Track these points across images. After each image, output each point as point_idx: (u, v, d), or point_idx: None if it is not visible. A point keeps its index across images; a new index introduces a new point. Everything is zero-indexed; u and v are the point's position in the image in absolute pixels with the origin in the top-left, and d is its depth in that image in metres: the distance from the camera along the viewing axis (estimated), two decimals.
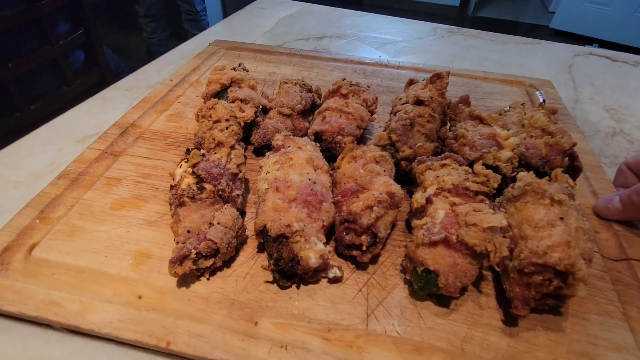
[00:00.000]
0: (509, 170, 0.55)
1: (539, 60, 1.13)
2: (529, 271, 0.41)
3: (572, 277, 0.39)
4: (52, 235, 0.51)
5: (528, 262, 0.40)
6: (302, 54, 1.01)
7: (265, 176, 0.51)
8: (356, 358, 0.40)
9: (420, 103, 0.61)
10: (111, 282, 0.46)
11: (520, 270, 0.41)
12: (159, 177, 0.61)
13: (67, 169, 0.60)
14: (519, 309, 0.41)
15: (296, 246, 0.44)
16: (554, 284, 0.40)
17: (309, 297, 0.46)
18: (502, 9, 4.62)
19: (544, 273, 0.40)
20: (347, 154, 0.56)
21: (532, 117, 0.59)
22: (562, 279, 0.40)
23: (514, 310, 0.41)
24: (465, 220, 0.44)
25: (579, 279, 0.39)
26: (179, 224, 0.47)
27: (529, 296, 0.41)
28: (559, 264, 0.39)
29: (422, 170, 0.54)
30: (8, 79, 1.55)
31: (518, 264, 0.41)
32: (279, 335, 0.42)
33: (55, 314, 0.42)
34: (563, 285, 0.40)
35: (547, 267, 0.40)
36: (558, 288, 0.40)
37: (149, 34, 3.06)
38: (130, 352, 0.41)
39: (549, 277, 0.40)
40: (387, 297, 0.46)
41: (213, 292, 0.45)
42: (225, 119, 0.59)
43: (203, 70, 0.91)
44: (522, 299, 0.41)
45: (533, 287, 0.41)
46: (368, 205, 0.47)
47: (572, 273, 0.39)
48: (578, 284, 0.39)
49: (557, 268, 0.39)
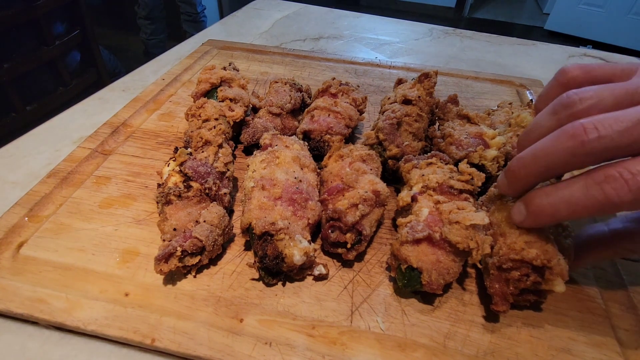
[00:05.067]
0: (495, 169, 0.55)
1: (534, 61, 1.14)
2: (507, 267, 0.41)
3: (549, 272, 0.40)
4: (40, 233, 0.51)
5: (506, 258, 0.41)
6: (295, 54, 1.02)
7: (252, 174, 0.51)
8: (340, 354, 0.40)
9: (408, 102, 0.62)
10: (98, 279, 0.46)
11: (499, 266, 0.42)
12: (149, 176, 0.61)
13: (57, 168, 0.61)
14: (499, 305, 0.41)
15: (280, 244, 0.44)
16: (531, 279, 0.40)
17: (294, 294, 0.46)
18: (498, 11, 4.64)
19: (521, 268, 0.41)
20: (334, 152, 0.56)
21: (519, 117, 0.60)
22: (540, 274, 0.40)
23: (494, 307, 0.42)
24: (448, 218, 0.44)
25: (556, 274, 0.39)
26: (166, 222, 0.48)
27: (507, 292, 0.41)
28: (536, 259, 0.39)
29: (409, 169, 0.54)
30: (4, 80, 1.55)
31: (497, 261, 0.42)
32: (264, 332, 0.42)
33: (41, 311, 0.42)
34: (541, 280, 0.40)
35: (525, 263, 0.40)
36: (536, 283, 0.40)
37: (148, 35, 3.07)
38: (131, 352, 0.42)
39: (526, 272, 0.40)
40: (371, 294, 0.47)
41: (199, 290, 0.46)
42: (215, 118, 0.60)
43: (195, 70, 0.91)
44: (501, 294, 0.41)
45: (511, 283, 0.41)
46: (353, 203, 0.48)
47: (549, 268, 0.39)
48: (555, 279, 0.40)
49: (534, 263, 0.40)
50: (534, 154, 0.36)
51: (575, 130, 0.33)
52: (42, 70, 1.75)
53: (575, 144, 0.32)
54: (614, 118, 0.32)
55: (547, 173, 0.36)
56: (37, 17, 1.60)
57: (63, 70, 1.81)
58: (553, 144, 0.34)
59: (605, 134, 0.31)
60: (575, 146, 0.33)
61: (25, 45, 1.64)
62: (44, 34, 1.66)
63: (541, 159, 0.35)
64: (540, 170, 0.36)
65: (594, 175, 0.33)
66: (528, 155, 0.37)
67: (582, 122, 0.33)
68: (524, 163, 0.37)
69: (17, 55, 1.60)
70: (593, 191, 0.32)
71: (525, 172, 0.38)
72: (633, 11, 3.51)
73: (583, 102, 0.34)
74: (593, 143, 0.32)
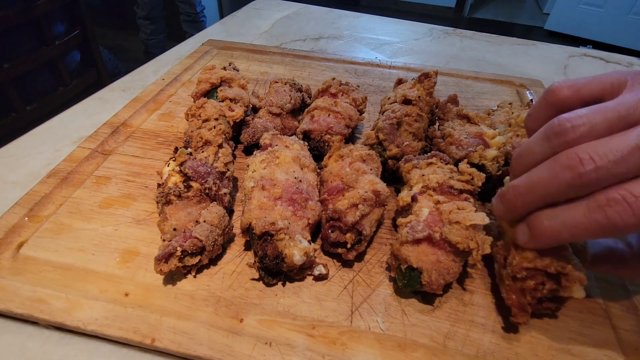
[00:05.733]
0: (495, 168, 0.55)
1: (534, 61, 1.14)
2: (522, 277, 0.40)
3: (565, 278, 0.38)
4: (40, 233, 0.51)
5: (519, 267, 0.40)
6: (295, 54, 1.02)
7: (252, 174, 0.51)
8: (339, 354, 0.40)
9: (408, 102, 0.62)
10: (98, 279, 0.46)
11: (513, 276, 0.40)
12: (149, 176, 0.61)
13: (57, 168, 0.61)
14: (518, 317, 0.40)
15: (280, 244, 0.44)
16: (547, 287, 0.39)
17: (294, 294, 0.46)
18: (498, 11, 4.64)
19: (536, 277, 0.39)
20: (334, 152, 0.56)
21: (519, 117, 0.60)
22: (556, 281, 0.39)
23: (513, 319, 0.41)
24: (448, 218, 0.44)
25: (573, 280, 0.38)
26: (166, 222, 0.48)
27: (525, 302, 0.40)
28: (549, 267, 0.38)
29: (409, 169, 0.54)
30: (4, 80, 1.55)
31: (511, 271, 0.41)
32: (264, 332, 0.42)
33: (41, 311, 0.42)
34: (558, 287, 0.39)
35: (538, 271, 0.39)
36: (553, 291, 0.39)
37: (148, 35, 3.07)
38: (131, 352, 0.42)
39: (541, 280, 0.39)
40: (371, 294, 0.47)
41: (199, 290, 0.46)
42: (215, 118, 0.60)
43: (195, 70, 0.91)
44: (519, 305, 0.40)
45: (528, 293, 0.40)
46: (353, 203, 0.48)
47: (564, 275, 0.38)
48: (573, 285, 0.38)
49: (549, 271, 0.39)
50: (530, 184, 0.36)
51: (571, 161, 0.32)
52: (42, 70, 1.75)
53: (573, 175, 0.32)
54: (609, 147, 0.31)
55: (544, 202, 0.36)
56: (37, 17, 1.59)
57: (63, 70, 1.81)
58: (549, 174, 0.34)
59: (601, 165, 0.31)
60: (572, 178, 0.32)
61: (25, 45, 1.64)
62: (44, 34, 1.66)
63: (537, 189, 0.35)
64: (537, 200, 0.36)
65: (597, 199, 0.32)
66: (524, 185, 0.37)
67: (577, 153, 0.32)
68: (520, 192, 0.37)
69: (17, 55, 1.59)
70: (596, 215, 0.32)
71: (521, 202, 0.38)
72: (633, 11, 3.51)
73: (576, 130, 0.33)
74: (590, 174, 0.32)
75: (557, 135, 0.34)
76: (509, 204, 0.39)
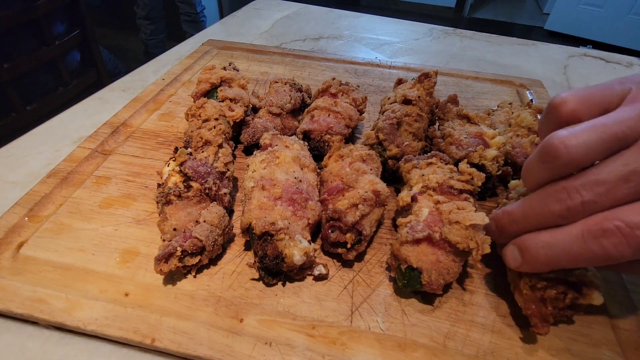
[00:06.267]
0: (495, 168, 0.55)
1: (534, 61, 1.14)
2: (542, 286, 0.39)
3: (585, 287, 0.38)
4: (40, 233, 0.51)
5: (539, 277, 0.39)
6: (295, 54, 1.02)
7: (252, 174, 0.51)
8: (339, 354, 0.40)
9: (408, 102, 0.62)
10: (98, 279, 0.46)
11: (532, 286, 0.40)
12: (149, 176, 0.61)
13: (57, 168, 0.61)
14: (539, 327, 0.39)
15: (280, 244, 0.44)
16: (570, 297, 0.38)
17: (294, 294, 0.46)
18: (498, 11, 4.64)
19: (557, 287, 0.39)
20: (334, 152, 0.56)
21: (519, 117, 0.60)
22: (576, 289, 0.39)
23: (535, 330, 0.40)
24: (448, 218, 0.44)
25: (594, 287, 0.38)
26: (166, 222, 0.48)
27: (546, 312, 0.39)
28: (571, 276, 0.38)
29: (409, 169, 0.54)
30: (4, 80, 1.55)
31: (529, 280, 0.40)
32: (264, 332, 0.42)
33: (41, 311, 0.42)
34: (579, 296, 0.39)
35: (560, 280, 0.39)
36: (574, 299, 0.39)
37: (147, 35, 3.07)
38: (131, 352, 0.42)
39: (563, 290, 0.39)
40: (371, 294, 0.47)
41: (199, 290, 0.46)
42: (215, 118, 0.60)
43: (195, 70, 0.91)
44: (539, 316, 0.39)
45: (549, 302, 0.39)
46: (353, 203, 0.48)
47: (584, 283, 0.38)
48: (593, 293, 0.38)
49: (569, 280, 0.38)
50: (524, 213, 0.38)
51: (559, 195, 0.34)
52: (42, 70, 1.75)
53: (562, 208, 0.34)
54: (596, 180, 0.32)
55: (537, 228, 0.37)
56: (37, 17, 1.59)
57: (63, 70, 1.81)
58: (540, 205, 0.36)
59: (588, 199, 0.33)
60: (561, 210, 0.34)
61: (25, 45, 1.64)
62: (44, 34, 1.66)
63: (531, 218, 0.37)
64: (530, 227, 0.38)
65: (591, 229, 0.33)
66: (518, 213, 0.39)
67: (565, 187, 0.34)
68: (514, 219, 0.39)
69: (17, 55, 1.59)
70: (591, 245, 0.33)
71: (515, 228, 0.39)
72: (633, 11, 3.51)
73: (570, 152, 0.33)
74: (577, 208, 0.33)
75: (552, 159, 0.35)
76: (503, 230, 0.41)
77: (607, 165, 0.33)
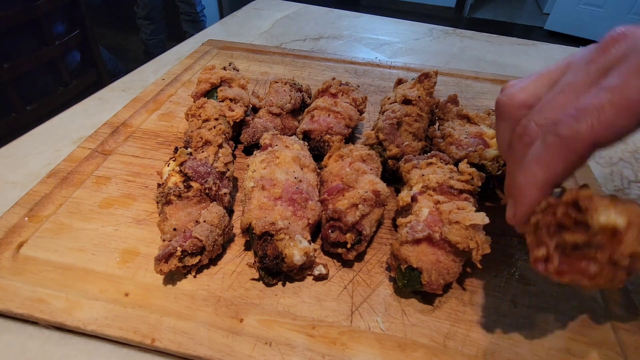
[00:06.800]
0: (495, 168, 0.55)
1: (534, 61, 1.14)
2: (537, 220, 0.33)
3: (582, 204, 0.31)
4: (40, 233, 0.51)
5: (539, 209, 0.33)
6: (295, 54, 1.02)
7: (252, 174, 0.51)
8: (339, 354, 0.40)
9: (408, 102, 0.62)
10: (98, 279, 0.46)
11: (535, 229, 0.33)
12: (149, 176, 0.61)
13: (57, 168, 0.61)
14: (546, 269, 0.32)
15: (280, 244, 0.44)
16: (560, 212, 0.32)
17: (294, 294, 0.46)
18: (498, 10, 4.64)
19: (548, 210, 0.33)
20: (334, 152, 0.56)
21: None
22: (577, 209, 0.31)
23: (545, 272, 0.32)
24: (448, 218, 0.44)
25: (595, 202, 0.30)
26: (166, 222, 0.48)
27: (547, 243, 0.32)
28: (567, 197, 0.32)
29: (409, 169, 0.54)
30: (4, 80, 1.55)
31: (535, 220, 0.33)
32: (264, 332, 0.42)
33: (41, 311, 0.42)
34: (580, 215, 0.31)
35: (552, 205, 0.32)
36: (565, 215, 0.31)
37: (147, 35, 3.06)
38: (131, 352, 0.42)
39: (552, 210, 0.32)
40: (371, 294, 0.47)
41: (199, 290, 0.46)
42: (215, 118, 0.60)
43: (195, 70, 0.91)
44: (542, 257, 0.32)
45: (543, 229, 0.33)
46: (353, 203, 0.48)
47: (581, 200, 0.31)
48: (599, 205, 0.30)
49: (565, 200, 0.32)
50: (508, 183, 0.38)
51: (519, 132, 0.35)
52: (42, 70, 1.75)
53: (524, 142, 0.34)
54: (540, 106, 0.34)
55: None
56: (37, 17, 1.59)
57: (63, 70, 1.81)
58: (512, 155, 0.36)
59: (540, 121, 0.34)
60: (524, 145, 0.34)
61: (25, 45, 1.64)
62: (44, 34, 1.66)
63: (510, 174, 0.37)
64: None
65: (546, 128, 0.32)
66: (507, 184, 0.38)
67: (520, 124, 0.35)
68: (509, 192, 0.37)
69: (17, 55, 1.59)
70: (550, 140, 0.32)
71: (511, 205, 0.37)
72: (633, 11, 3.51)
73: (515, 97, 0.37)
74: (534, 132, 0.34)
75: (503, 111, 0.37)
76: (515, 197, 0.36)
77: (549, 93, 0.34)
